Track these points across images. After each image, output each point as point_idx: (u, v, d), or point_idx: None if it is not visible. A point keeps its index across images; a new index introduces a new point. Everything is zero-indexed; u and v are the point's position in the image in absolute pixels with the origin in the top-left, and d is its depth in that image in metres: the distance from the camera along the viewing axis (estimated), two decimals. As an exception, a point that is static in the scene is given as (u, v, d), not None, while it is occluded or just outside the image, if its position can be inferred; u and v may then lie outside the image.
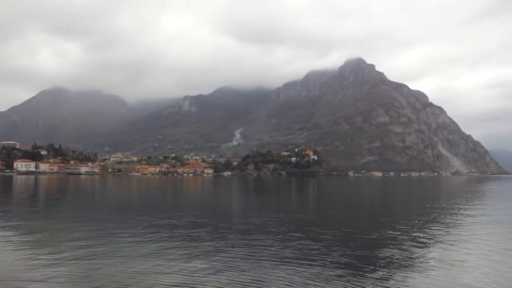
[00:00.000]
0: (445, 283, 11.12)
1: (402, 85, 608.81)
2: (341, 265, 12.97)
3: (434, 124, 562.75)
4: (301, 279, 11.31)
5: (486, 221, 24.56)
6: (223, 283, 10.96)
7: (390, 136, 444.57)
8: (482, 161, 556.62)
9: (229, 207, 36.99)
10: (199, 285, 10.74)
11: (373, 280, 11.32)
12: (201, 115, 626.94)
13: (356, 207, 37.21)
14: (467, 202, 41.08)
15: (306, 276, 11.66)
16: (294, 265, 12.84)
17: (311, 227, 21.82)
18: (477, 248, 15.97)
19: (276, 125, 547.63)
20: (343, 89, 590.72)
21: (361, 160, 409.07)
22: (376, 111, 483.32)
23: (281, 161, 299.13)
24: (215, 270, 12.22)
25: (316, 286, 10.74)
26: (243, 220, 24.77)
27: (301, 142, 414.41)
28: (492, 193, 62.23)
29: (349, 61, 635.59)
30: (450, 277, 11.73)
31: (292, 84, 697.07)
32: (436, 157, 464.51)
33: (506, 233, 19.93)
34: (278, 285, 10.85)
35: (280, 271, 12.11)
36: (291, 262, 13.23)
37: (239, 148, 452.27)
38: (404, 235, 19.04)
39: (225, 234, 18.79)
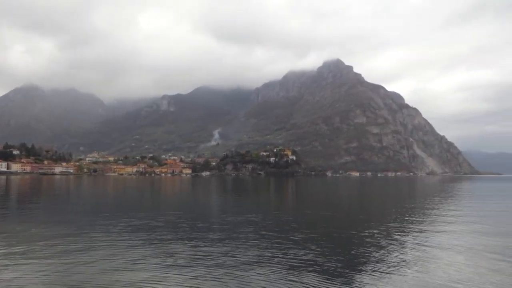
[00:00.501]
0: (421, 280, 11.25)
1: (379, 87, 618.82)
2: (319, 264, 12.98)
3: (410, 125, 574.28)
4: (279, 278, 11.26)
5: (459, 220, 25.11)
6: (200, 282, 10.82)
7: (368, 137, 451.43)
8: (455, 161, 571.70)
9: (207, 207, 36.70)
10: (176, 285, 10.58)
11: (351, 278, 11.38)
12: (179, 115, 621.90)
13: (333, 207, 37.50)
14: (441, 202, 42.04)
15: (285, 274, 11.63)
16: (272, 264, 12.79)
17: (290, 227, 21.87)
18: (451, 245, 16.27)
19: (255, 125, 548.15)
20: (321, 90, 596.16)
21: (339, 160, 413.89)
22: (353, 112, 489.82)
23: (259, 161, 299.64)
24: (193, 269, 12.06)
25: (295, 285, 10.70)
26: (221, 220, 24.60)
27: (279, 142, 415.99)
28: (464, 193, 63.85)
29: (327, 62, 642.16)
30: (426, 274, 11.89)
31: (271, 85, 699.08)
32: (411, 158, 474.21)
33: (478, 231, 20.38)
34: (256, 284, 10.77)
35: (259, 270, 12.05)
36: (270, 261, 13.18)
37: (217, 148, 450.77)
38: (381, 233, 19.26)
39: (203, 234, 18.60)
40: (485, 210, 32.63)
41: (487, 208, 34.63)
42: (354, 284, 10.90)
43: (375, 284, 10.87)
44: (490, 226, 22.27)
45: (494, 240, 17.58)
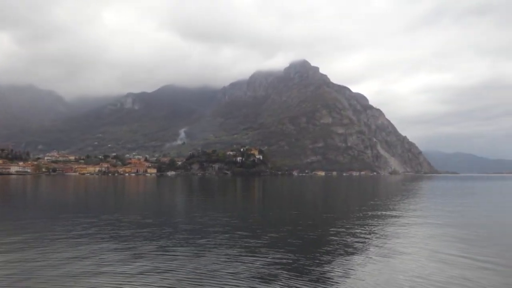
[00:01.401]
0: (385, 275, 11.38)
1: (345, 88, 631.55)
2: (286, 261, 12.95)
3: (374, 126, 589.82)
4: (246, 276, 11.12)
5: (421, 217, 25.84)
6: (167, 282, 10.52)
7: (333, 137, 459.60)
8: (416, 161, 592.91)
9: (173, 207, 35.90)
10: (143, 286, 10.22)
11: (318, 274, 11.36)
12: (144, 113, 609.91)
13: (300, 206, 37.61)
14: (404, 200, 43.21)
15: (252, 273, 11.50)
16: (239, 263, 12.65)
17: (256, 226, 21.76)
18: (412, 241, 16.66)
19: (222, 124, 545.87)
20: (288, 90, 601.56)
21: (305, 160, 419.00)
22: (320, 112, 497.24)
23: (226, 161, 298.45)
24: (158, 270, 11.74)
25: (262, 283, 10.57)
26: (187, 220, 24.04)
27: (246, 142, 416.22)
28: (424, 191, 65.93)
29: (294, 62, 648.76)
30: (389, 268, 12.06)
31: (238, 84, 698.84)
32: (375, 157, 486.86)
33: (436, 227, 20.87)
34: (224, 283, 10.56)
35: (226, 269, 11.87)
36: (237, 260, 13.05)
37: (183, 147, 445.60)
38: (346, 231, 19.47)
39: (168, 234, 18.18)
40: (445, 207, 33.64)
41: (447, 205, 35.75)
42: (321, 280, 10.87)
43: (342, 280, 10.91)
44: (451, 222, 22.97)
45: (454, 235, 18.10)
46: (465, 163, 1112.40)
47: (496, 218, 26.50)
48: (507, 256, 13.82)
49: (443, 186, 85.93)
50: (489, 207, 34.93)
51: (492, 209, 33.43)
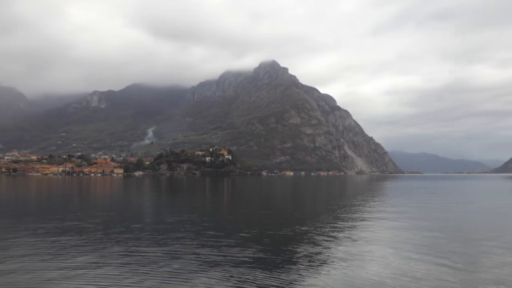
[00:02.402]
0: (353, 274, 11.62)
1: (313, 89, 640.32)
2: (256, 260, 12.97)
3: (341, 126, 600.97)
4: (216, 276, 11.07)
5: (387, 215, 26.49)
6: (135, 283, 10.35)
7: (302, 137, 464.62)
8: (382, 161, 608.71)
9: (140, 207, 35.25)
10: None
11: (287, 273, 11.45)
12: (111, 112, 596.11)
13: (269, 205, 37.80)
14: (369, 199, 44.18)
15: (221, 272, 11.46)
16: (209, 263, 12.58)
17: (226, 226, 21.76)
18: (378, 241, 17.09)
19: (190, 124, 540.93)
20: (257, 90, 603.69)
21: (274, 160, 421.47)
22: (288, 112, 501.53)
23: (195, 161, 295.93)
24: (126, 271, 11.50)
25: (232, 282, 10.55)
26: (155, 221, 23.70)
27: (215, 141, 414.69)
28: (389, 190, 67.76)
29: (263, 63, 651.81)
30: (358, 267, 12.32)
31: (207, 84, 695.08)
32: (342, 158, 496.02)
33: (404, 225, 21.52)
34: (193, 282, 10.50)
35: (195, 269, 11.78)
36: (207, 260, 12.96)
37: (151, 147, 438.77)
38: (315, 230, 19.74)
39: (136, 235, 17.85)
40: (408, 205, 34.70)
41: (411, 203, 36.92)
42: (290, 279, 10.97)
43: (310, 279, 11.04)
44: (415, 220, 23.67)
45: (419, 232, 18.67)
46: (428, 163, 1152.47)
47: (457, 216, 27.57)
48: (468, 254, 14.40)
49: (406, 186, 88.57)
50: (451, 206, 36.29)
51: (454, 207, 34.75)
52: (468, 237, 17.64)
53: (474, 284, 10.36)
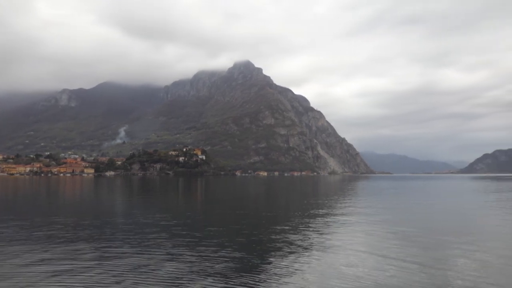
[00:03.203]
0: (324, 265, 11.81)
1: (287, 90, 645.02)
2: (231, 259, 13.00)
3: (314, 127, 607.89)
4: (191, 276, 11.02)
5: (356, 213, 26.97)
6: (109, 286, 10.16)
7: (275, 138, 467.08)
8: (354, 161, 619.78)
9: (111, 208, 34.60)
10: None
11: (261, 271, 11.52)
12: (81, 111, 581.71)
13: (243, 205, 37.85)
14: (341, 198, 44.97)
15: (196, 272, 11.41)
16: (184, 263, 12.51)
17: (200, 225, 21.69)
18: (350, 237, 17.40)
19: (164, 124, 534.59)
20: (231, 90, 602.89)
21: (248, 160, 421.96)
22: (263, 113, 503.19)
23: (168, 161, 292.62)
24: (99, 272, 11.27)
25: (206, 281, 10.52)
26: (127, 221, 23.32)
27: (189, 141, 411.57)
28: (360, 190, 69.09)
29: (238, 63, 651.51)
30: (330, 260, 12.52)
31: (181, 83, 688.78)
32: (315, 158, 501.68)
33: (377, 223, 22.01)
34: (168, 283, 10.41)
35: (170, 269, 11.69)
36: (181, 260, 12.89)
37: (123, 147, 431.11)
38: (287, 229, 19.90)
39: (108, 236, 17.55)
40: (378, 204, 35.53)
41: (380, 202, 37.81)
42: (264, 277, 11.03)
43: (285, 277, 11.14)
44: (385, 218, 24.24)
45: (389, 230, 19.09)
46: (398, 163, 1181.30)
47: (423, 215, 28.40)
48: (435, 251, 14.89)
49: (377, 186, 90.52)
50: (418, 205, 37.33)
51: (420, 206, 35.77)
52: (435, 235, 18.21)
53: (441, 280, 10.72)
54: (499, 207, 33.51)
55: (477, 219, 25.51)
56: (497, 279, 10.78)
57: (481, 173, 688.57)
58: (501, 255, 13.91)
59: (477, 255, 13.66)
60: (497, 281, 10.59)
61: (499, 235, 18.81)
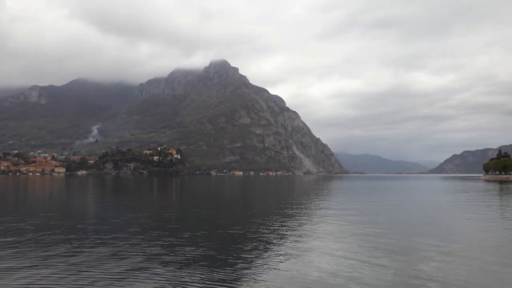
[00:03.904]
0: (300, 266, 11.92)
1: (263, 90, 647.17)
2: (205, 259, 12.93)
3: (290, 127, 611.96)
4: (166, 276, 10.91)
5: (329, 214, 27.33)
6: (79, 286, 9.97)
7: (251, 137, 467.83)
8: (328, 161, 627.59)
9: (83, 208, 33.86)
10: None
11: (236, 270, 11.54)
12: (52, 108, 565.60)
13: (219, 205, 37.81)
14: (315, 198, 45.51)
15: (171, 272, 11.31)
16: (158, 262, 12.37)
17: (175, 225, 21.55)
18: (326, 237, 17.62)
19: (138, 122, 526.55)
20: (207, 89, 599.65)
21: (224, 159, 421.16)
22: (238, 112, 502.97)
23: (142, 160, 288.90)
24: (71, 274, 11.00)
25: (181, 281, 10.44)
26: (100, 221, 22.92)
27: (164, 140, 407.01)
28: (335, 190, 70.08)
29: (214, 62, 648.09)
30: (305, 265, 12.65)
31: (156, 81, 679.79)
32: (291, 158, 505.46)
33: (352, 222, 22.37)
34: (142, 283, 10.28)
35: (145, 269, 11.53)
36: (156, 260, 12.74)
37: (96, 145, 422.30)
38: (262, 228, 19.99)
39: (80, 237, 17.14)
40: (353, 204, 36.16)
41: (357, 202, 38.46)
42: (239, 276, 11.05)
43: (259, 275, 11.18)
44: (362, 217, 24.66)
45: (362, 230, 19.44)
46: (371, 164, 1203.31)
47: (395, 213, 29.11)
48: (407, 250, 15.30)
49: (351, 185, 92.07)
50: (391, 204, 38.20)
51: (393, 205, 36.61)
52: (404, 235, 18.69)
53: (411, 278, 11.03)
54: (466, 206, 34.68)
55: (445, 219, 26.31)
56: (464, 279, 11.18)
57: (450, 173, 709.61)
58: (467, 255, 14.44)
59: (445, 256, 14.09)
60: (463, 281, 10.99)
61: (465, 234, 19.47)
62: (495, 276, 11.18)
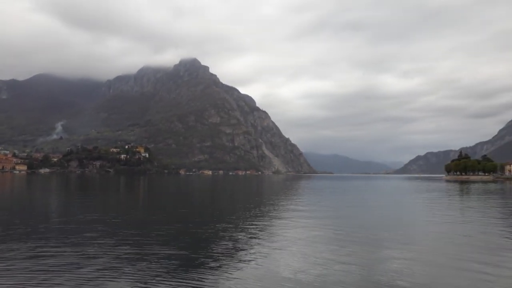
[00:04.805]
0: (270, 264, 12.06)
1: (233, 89, 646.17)
2: (174, 259, 12.85)
3: (260, 127, 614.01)
4: (134, 276, 10.77)
5: (296, 213, 27.68)
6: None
7: (221, 136, 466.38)
8: (297, 161, 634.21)
9: (46, 206, 32.76)
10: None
11: (205, 269, 11.51)
12: (13, 104, 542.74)
13: (188, 204, 37.55)
14: (284, 197, 45.96)
15: (140, 271, 11.17)
16: (127, 262, 12.19)
17: (143, 225, 21.27)
18: (291, 237, 17.84)
19: (105, 120, 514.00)
20: (177, 87, 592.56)
21: (193, 158, 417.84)
22: (208, 111, 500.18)
23: (109, 158, 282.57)
24: (33, 277, 10.66)
25: (150, 280, 10.33)
26: (64, 220, 22.24)
27: (132, 139, 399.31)
28: (303, 189, 70.98)
29: (184, 60, 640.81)
30: (273, 264, 12.79)
31: (124, 78, 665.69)
32: (260, 157, 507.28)
33: (312, 223, 22.70)
34: (111, 284, 10.10)
35: (112, 270, 11.32)
36: (126, 260, 12.54)
37: (60, 143, 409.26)
38: (231, 227, 20.05)
39: (43, 236, 16.65)
40: (320, 203, 36.75)
41: (322, 201, 39.11)
42: (208, 275, 11.04)
43: (228, 273, 11.21)
44: (328, 216, 25.10)
45: (328, 229, 19.80)
46: (340, 164, 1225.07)
47: (360, 213, 29.83)
48: (371, 248, 15.73)
49: (319, 185, 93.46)
50: (354, 204, 39.11)
51: (359, 205, 37.49)
52: (369, 234, 19.20)
53: (374, 275, 11.37)
54: (429, 205, 35.95)
55: (408, 218, 27.19)
56: (425, 278, 11.63)
57: (414, 173, 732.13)
58: (428, 252, 15.02)
59: (408, 252, 14.58)
60: (425, 280, 11.43)
61: (426, 233, 20.19)
62: (454, 272, 11.69)
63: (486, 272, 11.47)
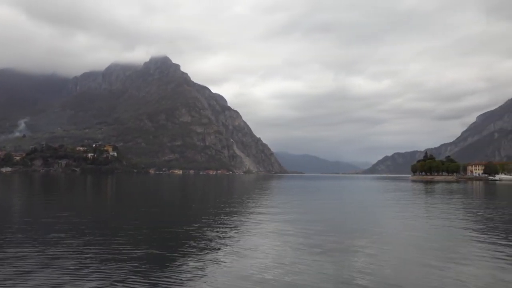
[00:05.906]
0: (242, 263, 12.09)
1: (205, 88, 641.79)
2: (145, 259, 12.70)
3: (231, 127, 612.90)
4: (104, 276, 10.54)
5: (272, 211, 27.91)
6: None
7: (192, 136, 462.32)
8: (268, 161, 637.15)
9: (8, 206, 31.52)
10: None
11: (176, 269, 11.43)
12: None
13: (157, 204, 37.02)
14: (255, 197, 46.10)
15: (110, 271, 10.94)
16: (98, 263, 11.92)
17: (111, 224, 20.97)
18: (266, 235, 17.99)
19: (71, 117, 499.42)
20: (147, 85, 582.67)
21: (163, 157, 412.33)
22: (179, 110, 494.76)
23: (75, 157, 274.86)
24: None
25: (119, 281, 10.14)
26: (28, 220, 21.52)
27: (99, 137, 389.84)
28: (273, 189, 71.48)
29: (155, 58, 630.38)
30: (248, 259, 12.84)
31: (92, 75, 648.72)
32: (231, 157, 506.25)
33: (283, 221, 22.90)
34: (84, 284, 9.84)
35: (82, 271, 11.04)
36: (96, 260, 12.26)
37: (23, 141, 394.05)
38: (202, 227, 19.97)
39: (5, 237, 16.04)
40: (292, 201, 37.09)
41: (294, 200, 39.49)
42: (180, 274, 10.95)
43: (201, 271, 11.19)
44: (298, 215, 25.35)
45: (299, 227, 20.01)
46: (310, 164, 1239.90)
47: (329, 211, 30.32)
48: (341, 245, 16.01)
49: (287, 185, 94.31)
50: (326, 202, 39.70)
51: (328, 203, 38.09)
52: (339, 233, 19.58)
53: (347, 272, 11.60)
54: (397, 204, 36.96)
55: (376, 216, 27.84)
56: (394, 277, 11.95)
57: (381, 173, 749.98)
58: (395, 249, 15.45)
59: (376, 250, 14.95)
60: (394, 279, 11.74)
61: (393, 231, 20.74)
62: (421, 268, 12.08)
63: (448, 268, 11.93)
